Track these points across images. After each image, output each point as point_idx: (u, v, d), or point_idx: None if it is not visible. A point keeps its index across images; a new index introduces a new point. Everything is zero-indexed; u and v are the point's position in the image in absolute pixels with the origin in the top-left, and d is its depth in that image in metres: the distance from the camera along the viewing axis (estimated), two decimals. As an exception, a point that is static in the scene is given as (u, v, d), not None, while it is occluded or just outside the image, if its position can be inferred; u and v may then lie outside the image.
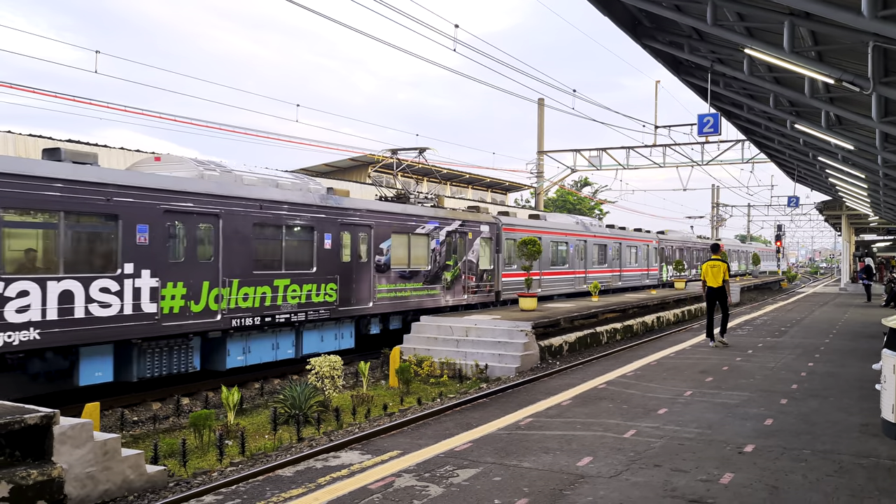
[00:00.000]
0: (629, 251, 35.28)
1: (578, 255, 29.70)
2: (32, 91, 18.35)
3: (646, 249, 37.76)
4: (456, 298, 21.18)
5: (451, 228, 21.03)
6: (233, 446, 10.14)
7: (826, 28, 9.78)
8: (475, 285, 22.07)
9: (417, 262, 19.60)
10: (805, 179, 34.89)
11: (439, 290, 20.37)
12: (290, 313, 15.54)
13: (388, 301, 18.41)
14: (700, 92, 17.06)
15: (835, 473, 6.85)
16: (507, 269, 24.00)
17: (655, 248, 39.20)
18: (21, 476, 6.41)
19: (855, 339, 18.16)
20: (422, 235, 19.79)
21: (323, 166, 40.75)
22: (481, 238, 22.56)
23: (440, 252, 20.40)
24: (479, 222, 22.54)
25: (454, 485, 6.56)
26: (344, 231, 17.07)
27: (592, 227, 31.57)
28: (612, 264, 32.98)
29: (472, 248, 22.00)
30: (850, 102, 13.37)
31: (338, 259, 16.85)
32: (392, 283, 18.49)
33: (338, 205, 17.00)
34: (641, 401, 10.31)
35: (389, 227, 18.52)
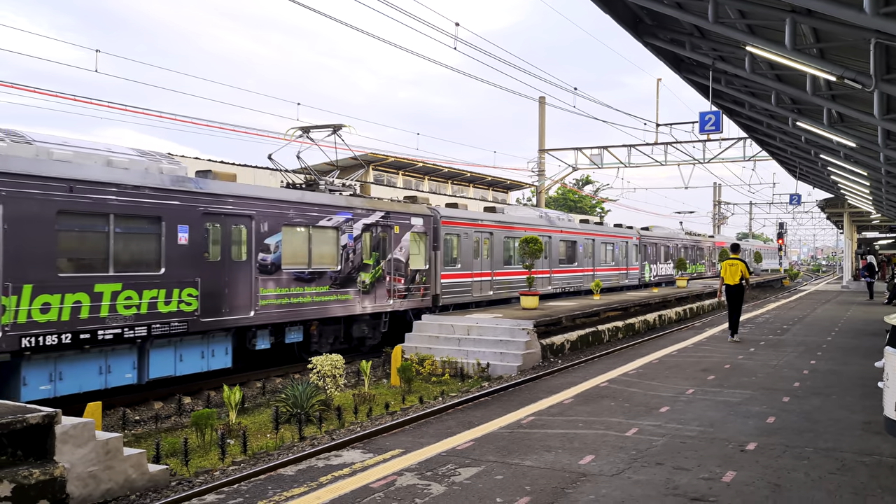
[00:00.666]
0: (604, 249, 32.17)
1: (556, 252, 27.34)
2: (34, 91, 18.37)
3: (624, 247, 34.50)
4: (377, 304, 18.10)
5: (371, 221, 17.95)
6: (235, 445, 10.14)
7: (828, 25, 9.77)
8: (404, 288, 19.00)
9: (322, 260, 16.57)
10: (807, 177, 34.86)
11: (353, 295, 17.24)
12: (124, 328, 12.29)
13: (278, 309, 15.26)
14: (701, 90, 17.03)
15: (837, 471, 6.84)
16: (449, 268, 21.04)
17: (636, 244, 35.98)
18: (23, 475, 6.41)
19: (857, 336, 18.14)
20: (328, 229, 16.77)
21: (324, 165, 40.70)
22: (412, 233, 19.50)
23: (354, 249, 17.37)
24: (408, 214, 19.42)
25: (456, 483, 6.55)
26: (210, 223, 13.91)
27: (559, 222, 28.59)
28: (583, 263, 29.86)
29: (401, 245, 18.98)
30: (851, 100, 13.35)
31: (200, 258, 13.64)
32: (284, 288, 15.42)
33: (200, 189, 13.76)
34: (643, 399, 10.30)
35: (280, 218, 15.41)
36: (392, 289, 18.61)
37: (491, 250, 23.20)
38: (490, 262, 23.13)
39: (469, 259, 21.95)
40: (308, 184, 17.96)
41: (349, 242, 17.30)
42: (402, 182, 43.07)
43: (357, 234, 17.53)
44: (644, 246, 37.10)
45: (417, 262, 19.75)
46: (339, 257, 17.04)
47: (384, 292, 18.33)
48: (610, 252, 32.80)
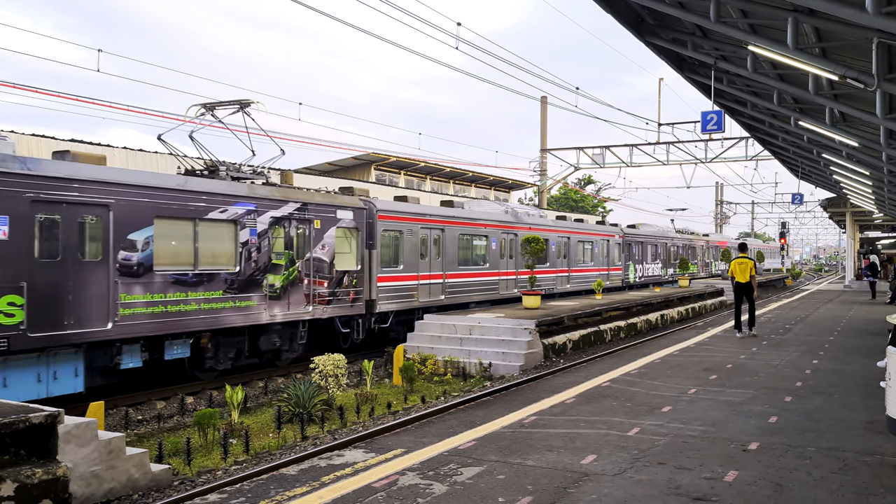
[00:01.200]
0: (581, 248, 29.72)
1: (504, 251, 24.26)
2: (36, 91, 18.38)
3: (605, 246, 31.99)
4: (292, 311, 15.56)
5: (282, 213, 15.40)
6: (237, 445, 10.16)
7: (830, 24, 9.76)
8: (328, 292, 16.48)
9: (214, 260, 14.03)
10: (809, 176, 34.83)
11: (258, 301, 14.71)
12: None
13: (150, 320, 12.64)
14: (703, 89, 17.03)
15: (839, 471, 6.84)
16: (388, 269, 18.62)
17: (619, 243, 33.48)
18: (26, 475, 6.43)
19: (859, 336, 18.12)
20: (222, 223, 14.18)
21: (326, 165, 40.79)
22: (340, 228, 17.02)
23: (259, 247, 14.81)
24: (332, 206, 16.80)
25: (458, 483, 6.56)
26: (43, 213, 11.30)
27: (527, 218, 26.20)
28: (555, 263, 27.47)
29: (323, 242, 16.44)
30: (854, 99, 13.34)
31: (26, 257, 11.02)
32: (158, 293, 12.82)
33: (28, 171, 11.14)
34: (645, 399, 10.30)
35: (150, 208, 12.77)
36: (312, 293, 16.05)
37: (443, 249, 20.80)
38: (442, 262, 20.71)
39: (414, 259, 19.52)
40: (209, 170, 15.24)
41: (252, 239, 14.72)
42: (404, 182, 43.09)
43: (263, 229, 14.97)
44: (628, 245, 34.73)
45: (346, 263, 17.25)
46: (238, 256, 14.45)
47: (301, 297, 15.79)
48: (588, 251, 30.46)
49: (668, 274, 40.13)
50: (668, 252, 40.78)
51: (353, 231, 17.55)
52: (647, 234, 38.01)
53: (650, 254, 37.82)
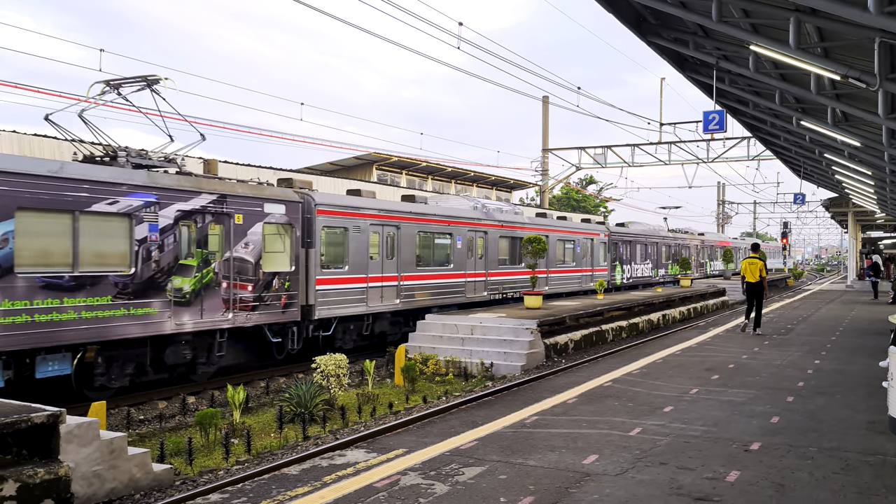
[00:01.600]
0: (561, 247, 27.57)
1: (472, 251, 22.20)
2: (38, 91, 18.37)
3: (588, 245, 30.01)
4: (206, 319, 13.60)
5: (193, 206, 13.44)
6: (238, 445, 10.16)
7: (832, 24, 9.75)
8: (254, 297, 14.58)
9: (101, 260, 12.10)
10: (811, 176, 34.80)
11: (160, 308, 12.73)
12: None
13: (10, 332, 10.83)
14: (705, 89, 17.03)
15: (841, 471, 6.83)
16: (331, 271, 16.75)
17: (604, 242, 31.52)
18: (28, 475, 6.43)
19: (862, 336, 18.10)
20: (111, 216, 12.23)
21: (327, 164, 40.82)
22: (269, 224, 15.09)
23: (162, 245, 12.87)
24: (258, 199, 14.82)
25: (460, 483, 6.55)
26: None
27: (499, 215, 24.17)
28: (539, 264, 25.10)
29: (247, 240, 14.52)
30: (856, 99, 13.33)
31: None
32: (21, 300, 10.98)
33: None
34: (647, 399, 10.30)
35: (9, 198, 10.89)
36: (233, 298, 14.17)
37: (398, 248, 18.96)
38: (396, 262, 18.87)
39: (362, 259, 17.65)
40: (110, 156, 13.28)
41: (152, 235, 12.77)
42: (406, 182, 43.09)
43: (167, 225, 13.02)
44: (615, 244, 32.80)
45: (277, 263, 15.36)
46: (134, 256, 12.50)
47: (218, 303, 13.90)
48: (570, 251, 28.35)
49: (658, 275, 38.15)
50: (659, 252, 38.79)
51: (287, 227, 15.58)
52: (637, 232, 36.07)
53: (639, 254, 35.96)
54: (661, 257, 38.95)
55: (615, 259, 32.62)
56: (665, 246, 39.80)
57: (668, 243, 40.44)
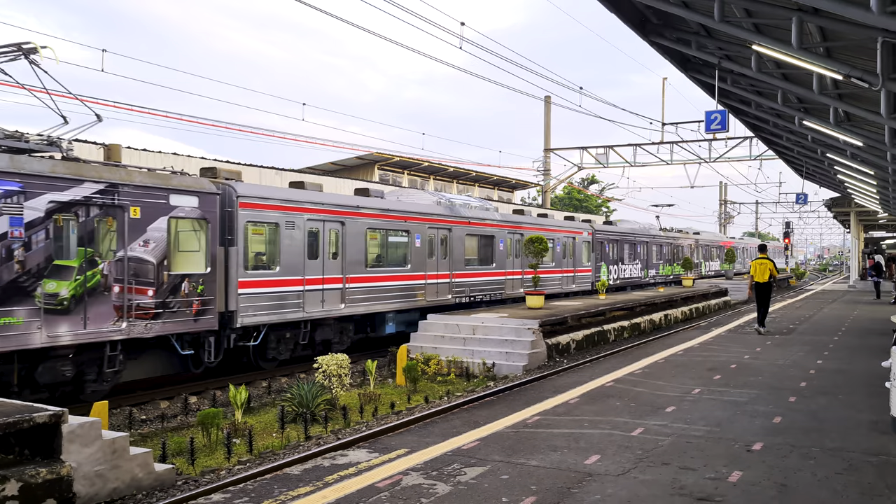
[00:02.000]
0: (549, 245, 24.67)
1: (434, 250, 20.23)
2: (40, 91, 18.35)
3: (570, 244, 27.92)
4: (89, 330, 11.66)
5: (72, 197, 11.52)
6: (240, 445, 10.16)
7: (834, 24, 9.75)
8: (156, 303, 12.63)
9: None
10: (813, 176, 34.77)
11: (26, 317, 10.82)
12: None
13: None
14: (708, 89, 17.01)
15: (844, 471, 6.82)
16: (257, 272, 14.81)
17: (588, 241, 29.45)
18: (30, 474, 6.44)
19: (864, 336, 18.08)
20: None
21: (329, 164, 40.84)
22: (176, 219, 13.10)
23: (28, 242, 10.98)
24: (163, 189, 12.88)
25: (462, 483, 6.55)
26: None
27: (466, 211, 21.95)
28: (504, 264, 23.33)
29: (147, 237, 12.61)
30: (858, 99, 13.31)
31: None
32: None
33: None
34: (649, 399, 10.29)
35: None
36: (128, 304, 12.19)
37: (342, 247, 16.89)
38: (342, 263, 16.83)
39: (297, 259, 15.74)
40: None
41: (14, 231, 10.87)
42: (408, 181, 43.10)
43: (37, 218, 11.11)
44: (600, 243, 30.87)
45: (188, 264, 13.36)
46: None
47: (108, 310, 11.94)
48: (549, 251, 25.40)
49: (648, 276, 36.04)
50: (649, 252, 36.48)
51: (200, 223, 13.55)
52: (625, 231, 34.16)
53: (627, 253, 33.88)
54: (651, 257, 36.81)
55: (600, 259, 30.62)
56: (656, 245, 37.75)
57: (660, 243, 38.30)
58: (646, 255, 36.01)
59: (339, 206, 17.07)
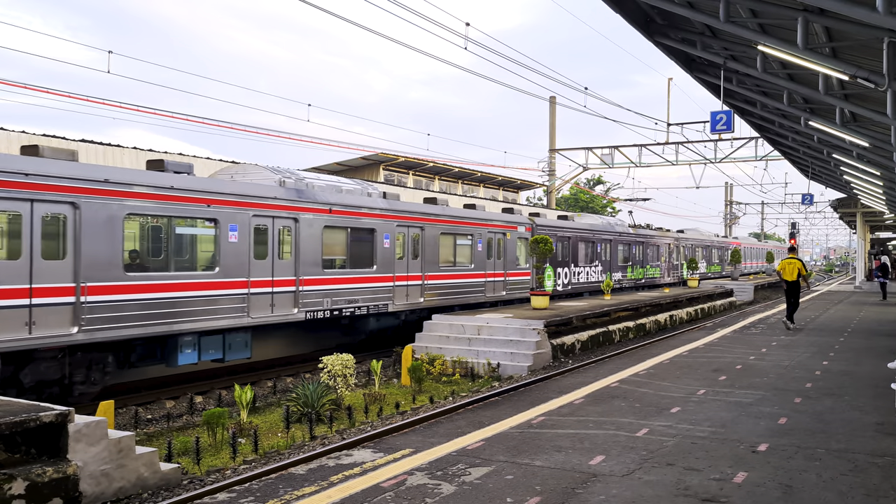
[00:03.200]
0: (449, 244, 20.67)
1: (270, 247, 15.00)
2: (46, 91, 18.46)
3: (497, 241, 22.70)
4: None
5: None
6: (246, 444, 10.19)
7: (840, 24, 9.72)
8: None
9: None
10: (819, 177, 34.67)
11: None
12: None
13: None
14: (713, 89, 16.97)
15: (849, 472, 6.81)
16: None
17: (524, 238, 24.19)
18: (37, 473, 6.47)
19: (870, 337, 18.03)
20: None
21: (334, 165, 40.91)
22: None
23: None
24: None
25: (466, 483, 6.56)
26: None
27: (331, 195, 16.87)
28: (392, 267, 18.34)
29: None
30: (864, 99, 13.28)
31: None
32: None
33: None
34: (654, 399, 10.28)
35: None
36: None
37: (78, 240, 11.73)
38: (74, 264, 11.65)
39: None
40: None
41: None
42: (413, 182, 43.12)
43: None
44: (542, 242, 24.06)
45: None
46: None
47: None
48: (466, 249, 21.25)
49: (613, 280, 30.84)
50: (614, 251, 31.34)
51: None
52: (578, 227, 28.86)
53: (584, 254, 28.85)
54: (615, 258, 31.51)
55: (545, 260, 23.72)
56: (623, 244, 32.35)
57: (627, 241, 32.72)
58: (609, 256, 30.97)
59: (68, 178, 11.74)
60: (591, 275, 29.44)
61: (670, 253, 38.80)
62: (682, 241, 41.42)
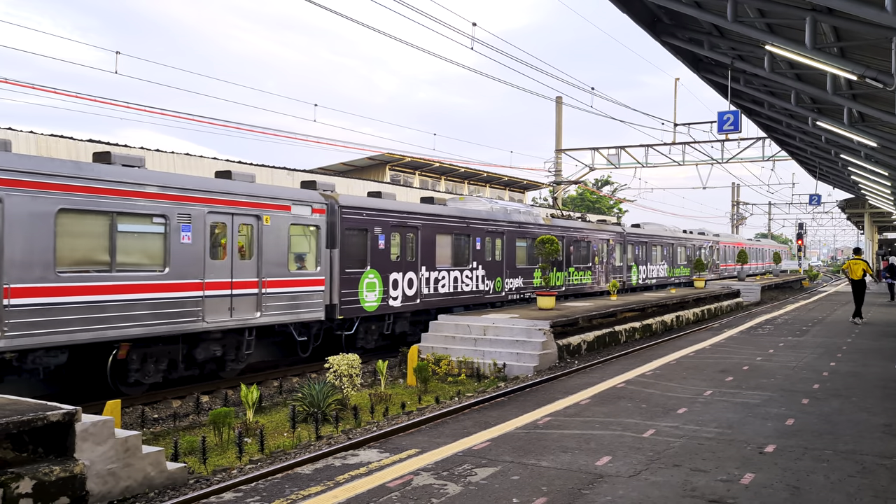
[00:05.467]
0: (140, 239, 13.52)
1: None
2: (54, 91, 18.51)
3: (251, 231, 14.54)
4: None
5: None
6: (252, 444, 10.20)
7: (849, 24, 9.69)
8: None
9: None
10: (827, 177, 34.57)
11: None
12: None
13: None
14: (720, 89, 16.93)
15: (857, 474, 6.78)
16: None
17: (313, 226, 15.93)
18: (44, 472, 6.49)
19: (878, 338, 17.94)
20: None
21: (341, 165, 40.97)
22: None
23: None
24: None
25: (472, 483, 6.55)
26: None
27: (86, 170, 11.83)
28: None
29: None
30: (873, 99, 13.23)
31: None
32: None
33: None
34: (661, 400, 10.25)
35: None
36: None
37: None
38: None
39: None
40: None
41: None
42: (419, 182, 43.14)
43: None
44: (363, 232, 17.24)
45: None
46: None
47: None
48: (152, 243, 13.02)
49: (489, 288, 21.66)
50: (484, 247, 21.72)
51: None
52: (441, 214, 20.14)
53: (452, 252, 20.49)
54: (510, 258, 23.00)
55: (367, 262, 17.18)
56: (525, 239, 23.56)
57: (579, 238, 26.12)
58: (493, 254, 22.19)
59: None
60: (466, 282, 20.84)
61: (611, 252, 29.87)
62: (630, 236, 32.19)
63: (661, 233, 36.53)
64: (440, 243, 20.05)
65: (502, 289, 22.51)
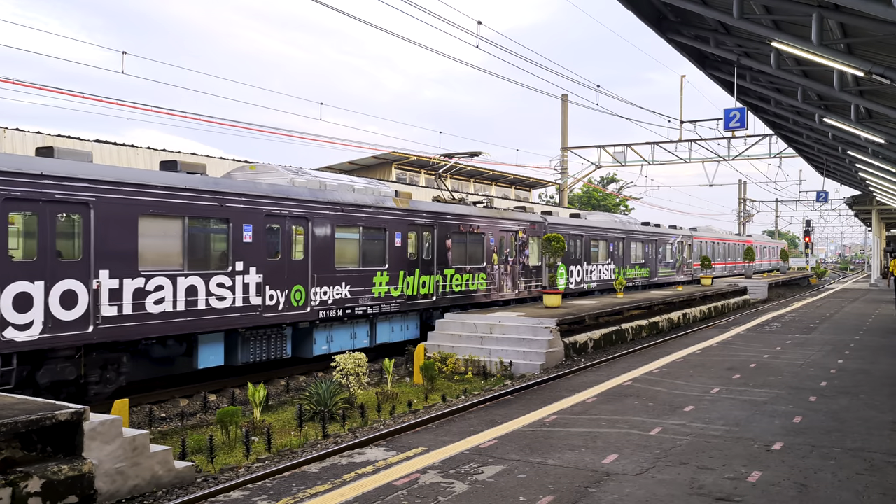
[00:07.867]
0: None
1: None
2: (60, 92, 18.56)
3: None
4: None
5: None
6: (259, 443, 10.22)
7: (856, 20, 9.64)
8: None
9: None
10: (834, 174, 34.42)
11: None
12: None
13: None
14: (726, 86, 16.88)
15: (865, 472, 6.76)
16: None
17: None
18: (52, 471, 6.51)
19: (886, 335, 17.87)
20: None
21: (347, 164, 40.99)
22: None
23: None
24: None
25: (479, 482, 6.55)
26: None
27: None
28: None
29: None
30: (880, 96, 13.17)
31: None
32: None
33: None
34: (667, 398, 10.23)
35: None
36: None
37: None
38: None
39: None
40: None
41: None
42: (425, 181, 43.14)
43: None
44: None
45: None
46: None
47: None
48: None
49: (288, 300, 14.36)
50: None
51: None
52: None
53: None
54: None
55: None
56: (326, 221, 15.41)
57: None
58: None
59: None
60: None
61: (521, 248, 22.01)
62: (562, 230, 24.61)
63: (604, 224, 28.71)
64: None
65: (285, 299, 14.35)
